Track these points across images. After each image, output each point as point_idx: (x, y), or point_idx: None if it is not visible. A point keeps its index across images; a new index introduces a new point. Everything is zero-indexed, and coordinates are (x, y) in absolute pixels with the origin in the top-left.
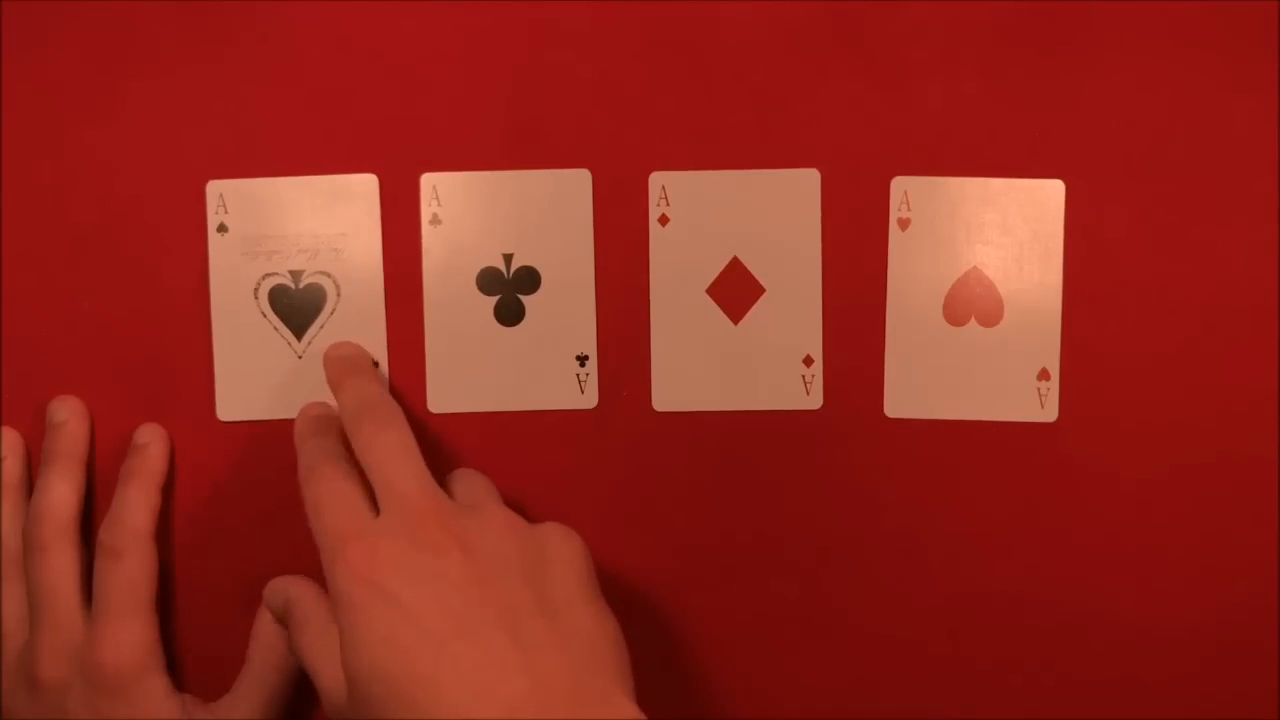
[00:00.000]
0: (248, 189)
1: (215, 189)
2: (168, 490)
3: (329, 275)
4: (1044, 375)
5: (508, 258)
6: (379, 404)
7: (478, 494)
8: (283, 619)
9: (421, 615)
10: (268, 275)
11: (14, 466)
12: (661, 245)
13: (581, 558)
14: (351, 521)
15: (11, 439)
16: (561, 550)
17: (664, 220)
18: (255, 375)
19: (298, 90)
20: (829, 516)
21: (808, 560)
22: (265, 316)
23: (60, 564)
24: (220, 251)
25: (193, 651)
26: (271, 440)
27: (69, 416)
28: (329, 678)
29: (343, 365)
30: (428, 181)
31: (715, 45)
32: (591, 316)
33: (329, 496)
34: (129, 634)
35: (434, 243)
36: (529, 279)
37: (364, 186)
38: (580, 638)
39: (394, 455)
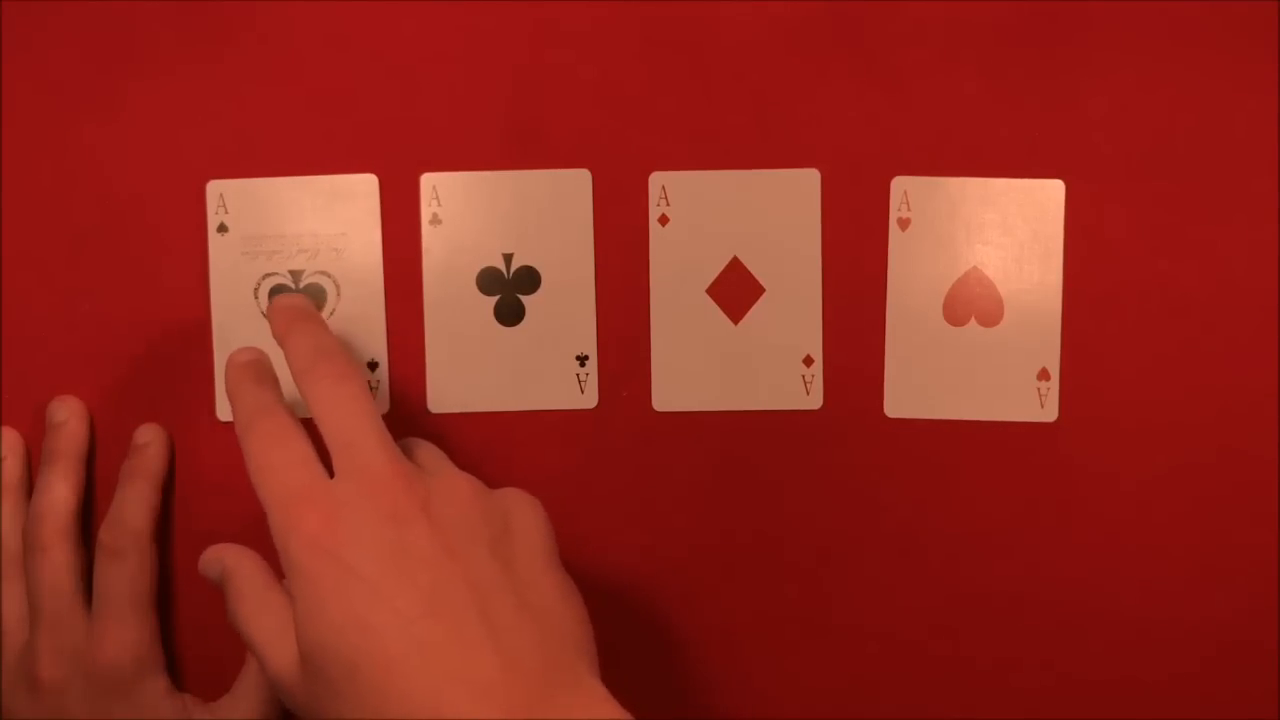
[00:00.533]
0: (248, 189)
1: (215, 189)
2: (168, 490)
3: (329, 275)
4: (1044, 375)
5: (508, 258)
6: (335, 354)
7: (435, 460)
8: (220, 587)
9: (388, 592)
10: (268, 275)
11: (14, 466)
12: (661, 245)
13: (544, 526)
14: (304, 484)
15: (11, 439)
16: (525, 519)
17: (664, 220)
18: None
19: (297, 91)
20: (829, 516)
21: (808, 560)
22: (265, 316)
23: (60, 564)
24: (220, 251)
25: (193, 651)
26: None
27: (69, 416)
28: (273, 652)
29: (290, 313)
30: (428, 181)
31: (715, 45)
32: (591, 316)
33: (276, 455)
34: (129, 634)
35: (434, 243)
36: (529, 279)
37: (364, 186)
38: (548, 614)
39: (354, 412)
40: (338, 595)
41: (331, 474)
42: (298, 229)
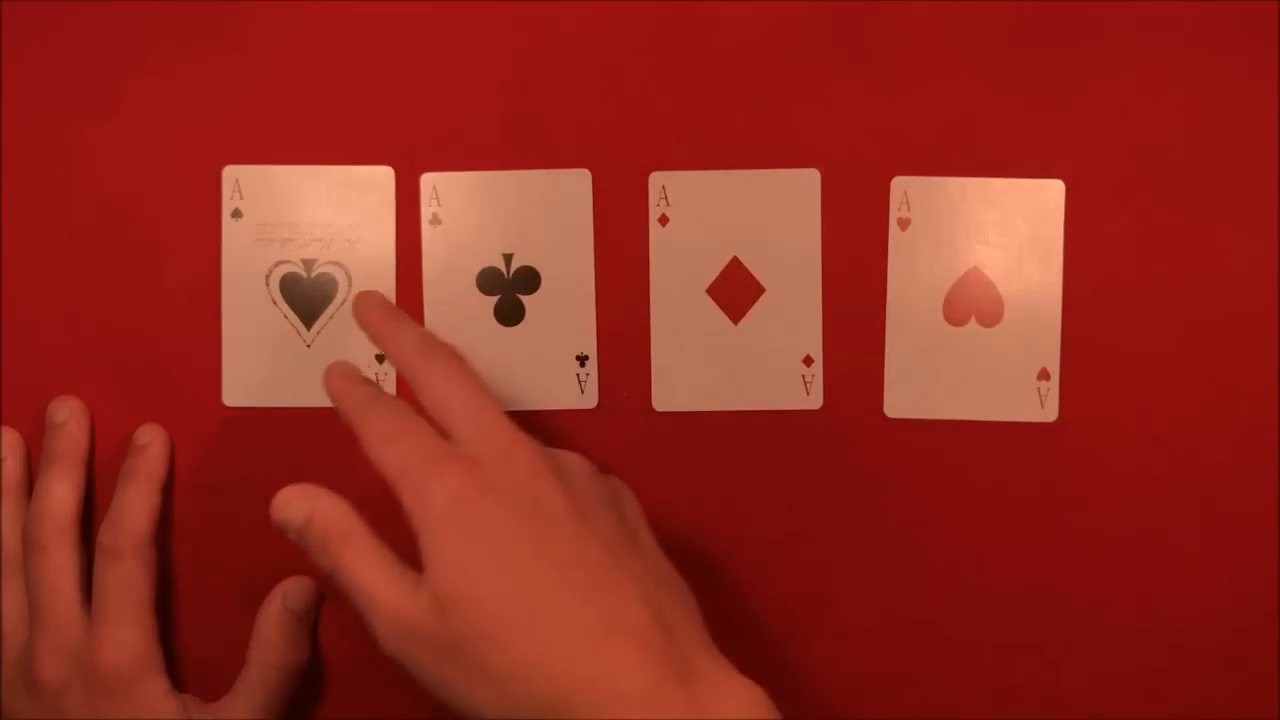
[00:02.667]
0: (264, 175)
1: (231, 174)
2: (168, 491)
3: (341, 266)
4: (1044, 375)
5: (508, 258)
6: (443, 343)
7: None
8: (299, 534)
9: (535, 540)
10: (280, 262)
11: (14, 467)
12: (661, 245)
13: (643, 513)
14: (439, 448)
15: (11, 439)
16: (632, 502)
17: (664, 220)
18: (262, 362)
19: (297, 91)
20: (829, 516)
21: (808, 560)
22: (275, 304)
23: (60, 564)
24: (233, 237)
25: (193, 651)
26: (275, 428)
27: (69, 416)
28: (395, 600)
29: (387, 310)
30: (428, 181)
31: (715, 45)
32: (591, 316)
33: (404, 425)
34: (128, 635)
35: (434, 243)
36: (529, 279)
37: (380, 178)
38: (671, 582)
39: (469, 387)
40: (483, 539)
41: None
42: (312, 218)
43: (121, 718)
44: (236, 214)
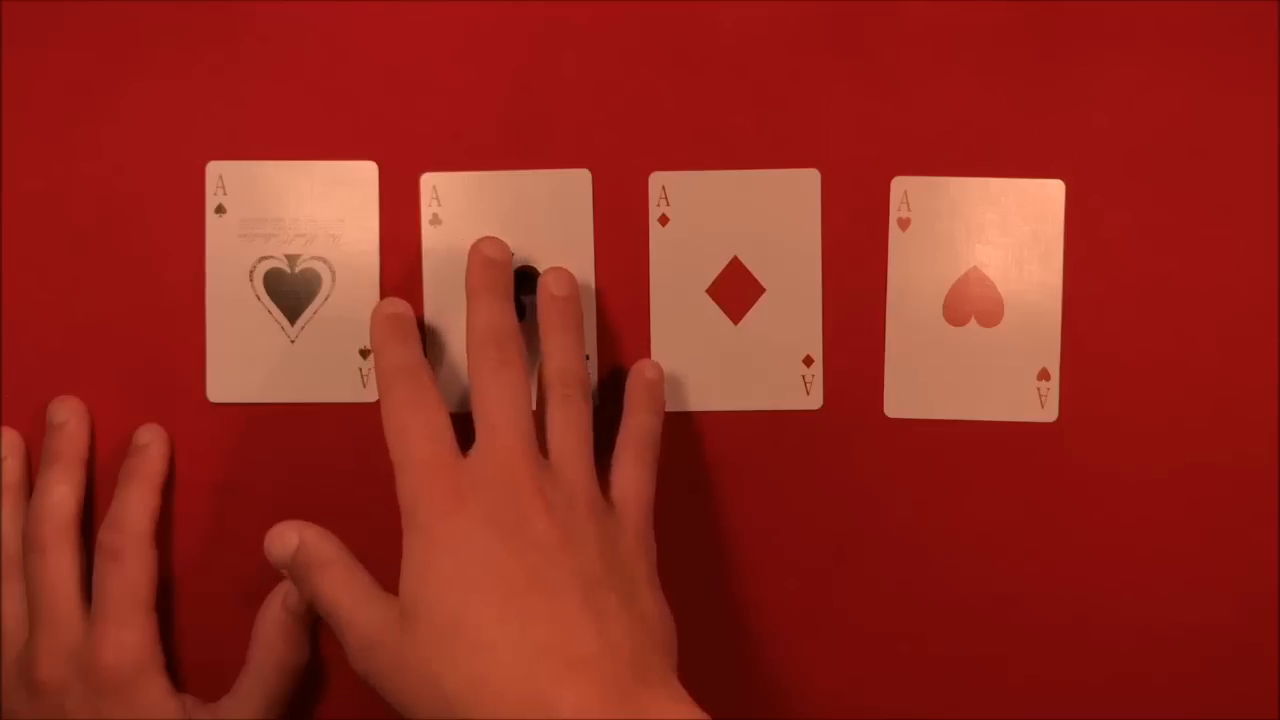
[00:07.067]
0: (247, 171)
1: (215, 170)
2: (168, 491)
3: (325, 261)
4: (1044, 375)
5: None
6: (506, 338)
7: (569, 445)
8: (288, 565)
9: (500, 562)
10: (264, 258)
11: (14, 467)
12: (661, 245)
13: (649, 545)
14: (440, 453)
15: (11, 439)
16: (633, 536)
17: (664, 220)
18: (247, 358)
19: (299, 91)
20: (829, 516)
21: (807, 560)
22: (259, 299)
23: (60, 564)
24: (217, 233)
25: (193, 651)
26: (261, 423)
27: (69, 416)
28: (362, 614)
29: (487, 273)
30: (428, 181)
31: (715, 45)
32: (592, 316)
33: (416, 420)
34: (129, 635)
35: (434, 243)
36: (529, 279)
37: (363, 173)
38: (645, 618)
39: (506, 399)
40: (453, 555)
41: (466, 444)
42: (296, 213)
43: (122, 718)
44: (220, 210)
